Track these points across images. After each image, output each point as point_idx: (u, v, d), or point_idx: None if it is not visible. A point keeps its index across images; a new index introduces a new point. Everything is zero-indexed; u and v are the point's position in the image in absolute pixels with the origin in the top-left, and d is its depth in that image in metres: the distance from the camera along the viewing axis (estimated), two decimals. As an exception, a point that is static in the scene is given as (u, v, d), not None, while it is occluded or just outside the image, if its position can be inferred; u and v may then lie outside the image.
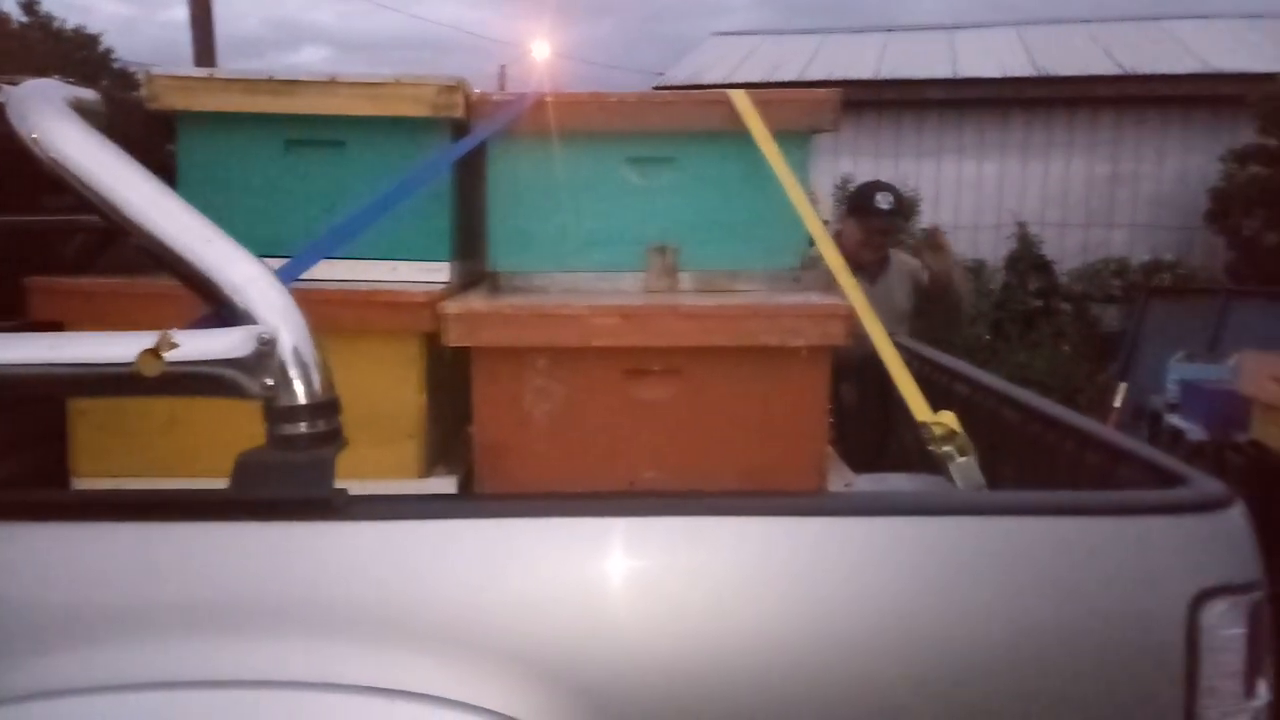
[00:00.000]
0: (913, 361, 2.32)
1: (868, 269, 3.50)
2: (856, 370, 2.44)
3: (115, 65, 15.55)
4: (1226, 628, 1.17)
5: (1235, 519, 1.24)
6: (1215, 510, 1.23)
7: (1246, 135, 8.20)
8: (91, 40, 15.92)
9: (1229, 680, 1.18)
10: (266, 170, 1.71)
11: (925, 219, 9.06)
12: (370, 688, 1.09)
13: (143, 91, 1.67)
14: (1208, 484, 1.28)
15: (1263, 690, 1.21)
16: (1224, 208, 8.23)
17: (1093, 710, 1.17)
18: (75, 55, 14.86)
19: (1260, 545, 1.24)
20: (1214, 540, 1.22)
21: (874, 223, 3.42)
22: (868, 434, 2.80)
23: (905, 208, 3.47)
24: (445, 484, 1.60)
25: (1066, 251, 9.19)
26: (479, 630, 1.13)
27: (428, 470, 1.61)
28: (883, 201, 3.42)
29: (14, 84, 1.36)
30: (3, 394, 1.27)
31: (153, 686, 1.08)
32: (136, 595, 1.12)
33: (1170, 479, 1.33)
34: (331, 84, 1.66)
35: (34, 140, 1.25)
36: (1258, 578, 1.22)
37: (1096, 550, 1.20)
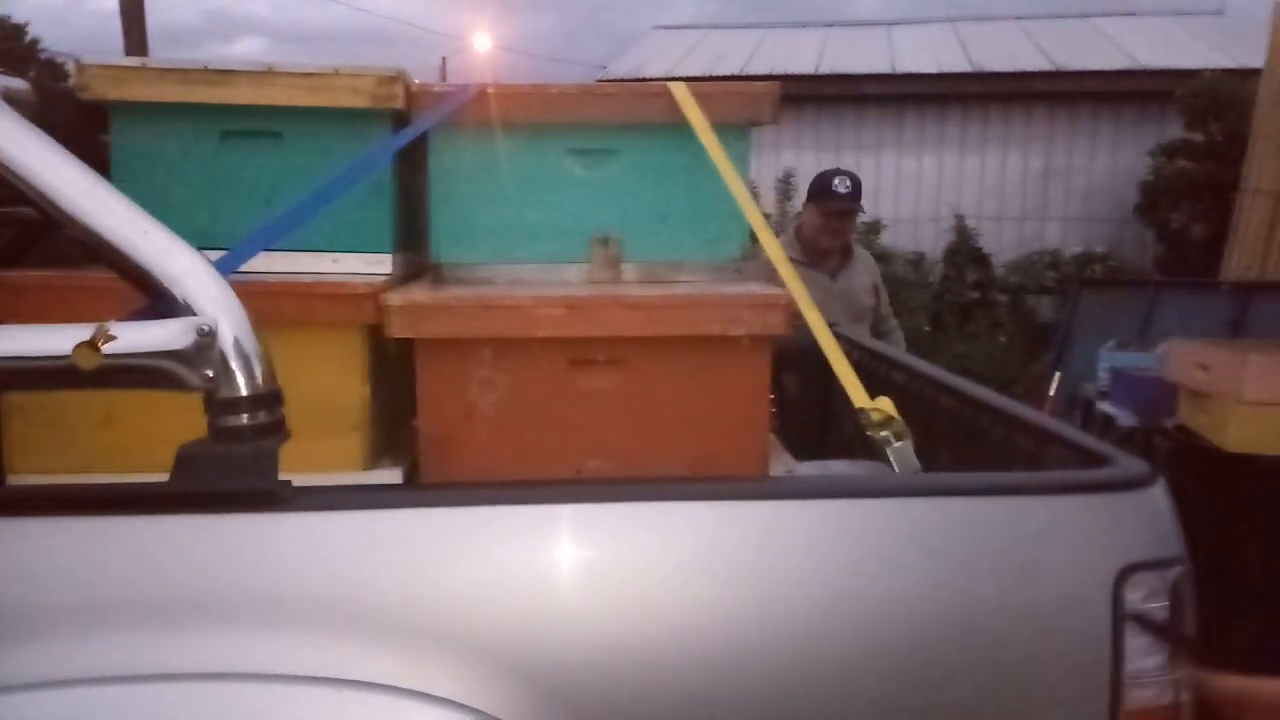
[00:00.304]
0: (852, 351, 2.36)
1: (829, 263, 3.56)
2: (798, 360, 2.48)
3: (43, 55, 15.12)
4: (1149, 601, 1.22)
5: (1157, 497, 1.29)
6: (1138, 488, 1.28)
7: (1174, 130, 8.45)
8: (18, 30, 15.46)
9: (1152, 652, 1.23)
10: (202, 161, 1.68)
11: (865, 212, 9.19)
12: (319, 677, 1.09)
13: (74, 81, 1.64)
14: (1131, 463, 1.33)
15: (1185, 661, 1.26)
16: (1153, 201, 8.47)
17: (1025, 681, 1.21)
18: (1, 46, 14.42)
19: (1185, 523, 1.30)
20: (1137, 517, 1.27)
21: (832, 205, 3.48)
22: (810, 422, 2.84)
23: (860, 195, 3.59)
24: (391, 476, 1.60)
25: (1003, 244, 9.38)
26: (429, 619, 1.13)
27: (373, 462, 1.60)
28: (840, 185, 3.48)
29: (-60, 73, 1.33)
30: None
31: (99, 681, 1.07)
32: (80, 590, 1.11)
33: (1095, 459, 1.38)
34: (268, 74, 1.64)
35: (-39, 130, 1.22)
36: (1179, 553, 1.27)
37: (1026, 528, 1.24)
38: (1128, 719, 1.19)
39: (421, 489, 1.52)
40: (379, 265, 1.69)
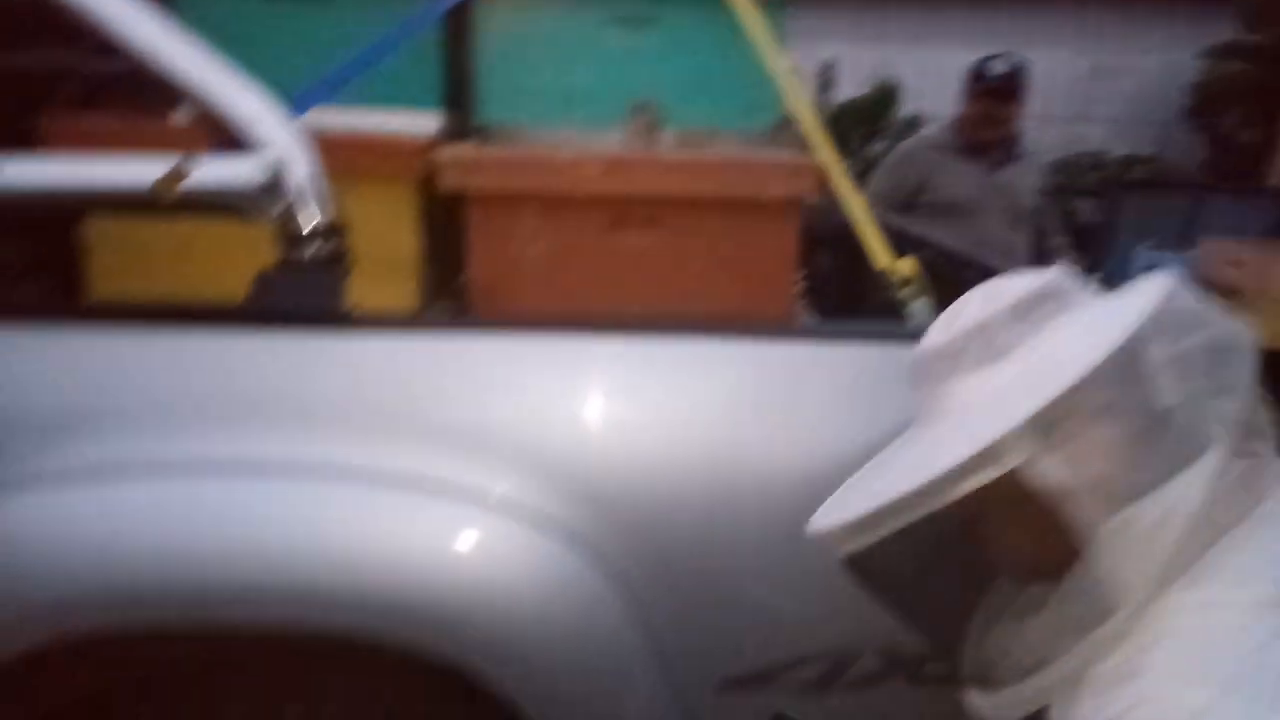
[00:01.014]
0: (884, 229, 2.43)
1: (991, 155, 3.31)
2: (833, 239, 2.54)
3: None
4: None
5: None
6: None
7: (1227, 32, 8.20)
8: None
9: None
10: (253, 21, 1.76)
11: (908, 108, 9.06)
12: (389, 476, 1.21)
13: None
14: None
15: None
16: (1202, 104, 8.28)
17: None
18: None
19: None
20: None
21: (983, 86, 3.28)
22: (839, 300, 2.91)
23: (1025, 78, 3.30)
24: (442, 322, 1.70)
25: (1047, 144, 9.23)
26: (485, 432, 1.25)
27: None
28: (994, 67, 3.28)
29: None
30: (31, 212, 1.35)
31: (183, 471, 1.21)
32: (169, 392, 1.24)
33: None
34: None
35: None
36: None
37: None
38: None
39: (479, 318, 1.62)
40: (428, 122, 1.77)
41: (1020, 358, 0.94)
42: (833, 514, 1.01)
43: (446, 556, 1.25)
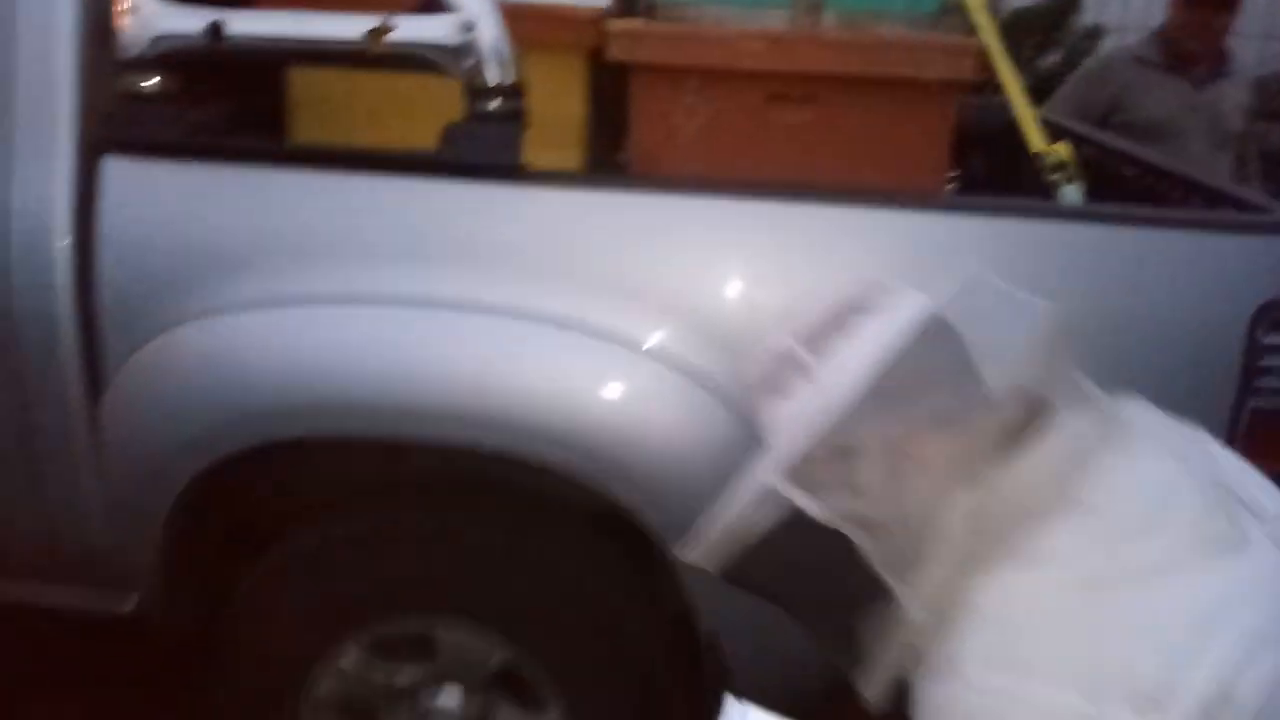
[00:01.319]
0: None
1: (1196, 71, 3.08)
2: (989, 141, 2.50)
3: None
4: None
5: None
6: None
7: None
8: None
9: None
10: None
11: (1089, 17, 8.55)
12: (549, 318, 1.34)
13: None
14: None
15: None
16: None
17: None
18: None
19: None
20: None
21: None
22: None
23: None
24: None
25: (1241, 63, 8.57)
26: (640, 283, 1.37)
27: (589, 175, 1.82)
28: None
29: None
30: (255, 60, 1.51)
31: (369, 302, 1.37)
32: (363, 231, 1.39)
33: (1254, 208, 1.46)
34: None
35: None
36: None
37: (1172, 258, 1.36)
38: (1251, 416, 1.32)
39: (642, 178, 1.72)
40: (598, -3, 1.85)
41: (813, 381, 0.96)
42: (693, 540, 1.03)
43: (603, 394, 1.38)
